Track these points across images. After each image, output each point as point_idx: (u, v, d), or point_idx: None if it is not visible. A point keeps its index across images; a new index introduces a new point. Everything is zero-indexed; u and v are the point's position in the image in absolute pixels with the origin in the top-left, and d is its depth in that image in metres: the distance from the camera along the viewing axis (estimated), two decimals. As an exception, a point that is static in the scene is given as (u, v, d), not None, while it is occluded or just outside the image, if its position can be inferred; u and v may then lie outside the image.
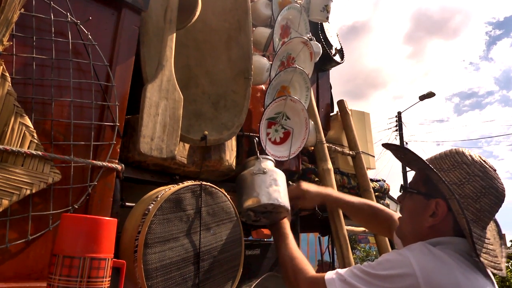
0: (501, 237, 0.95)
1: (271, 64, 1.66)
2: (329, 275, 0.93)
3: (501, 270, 0.86)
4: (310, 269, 1.09)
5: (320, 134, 1.79)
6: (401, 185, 1.03)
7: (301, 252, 1.21)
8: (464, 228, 0.85)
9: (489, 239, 0.89)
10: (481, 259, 0.85)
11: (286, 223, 1.36)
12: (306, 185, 1.48)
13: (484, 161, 0.91)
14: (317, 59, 1.95)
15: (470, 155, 0.91)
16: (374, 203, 1.52)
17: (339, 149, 2.08)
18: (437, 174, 0.89)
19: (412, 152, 0.96)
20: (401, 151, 1.02)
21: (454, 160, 0.91)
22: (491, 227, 0.93)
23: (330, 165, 1.75)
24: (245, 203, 1.30)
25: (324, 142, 1.77)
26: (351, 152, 2.00)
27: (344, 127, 2.13)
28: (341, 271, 0.92)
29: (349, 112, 2.13)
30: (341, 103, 2.19)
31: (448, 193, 0.87)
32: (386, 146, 1.05)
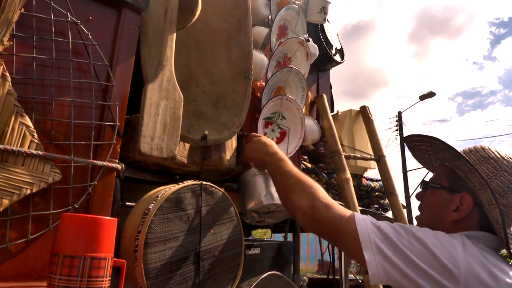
0: None
1: (269, 63, 1.67)
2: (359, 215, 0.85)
3: None
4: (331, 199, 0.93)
5: (337, 145, 1.79)
6: (422, 180, 0.98)
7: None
8: (496, 219, 0.81)
9: None
10: None
11: (274, 145, 1.12)
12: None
13: (510, 157, 0.88)
14: (313, 60, 1.96)
15: (496, 151, 0.89)
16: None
17: (357, 155, 2.03)
18: (470, 162, 0.84)
19: (442, 141, 0.91)
20: (427, 141, 0.95)
21: (480, 155, 0.89)
22: None
23: (348, 175, 1.75)
24: (248, 205, 1.30)
25: (342, 153, 1.77)
26: (374, 157, 1.99)
27: (368, 133, 2.14)
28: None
29: (372, 118, 2.10)
30: (363, 109, 2.18)
31: (480, 183, 0.83)
32: (409, 139, 0.97)
